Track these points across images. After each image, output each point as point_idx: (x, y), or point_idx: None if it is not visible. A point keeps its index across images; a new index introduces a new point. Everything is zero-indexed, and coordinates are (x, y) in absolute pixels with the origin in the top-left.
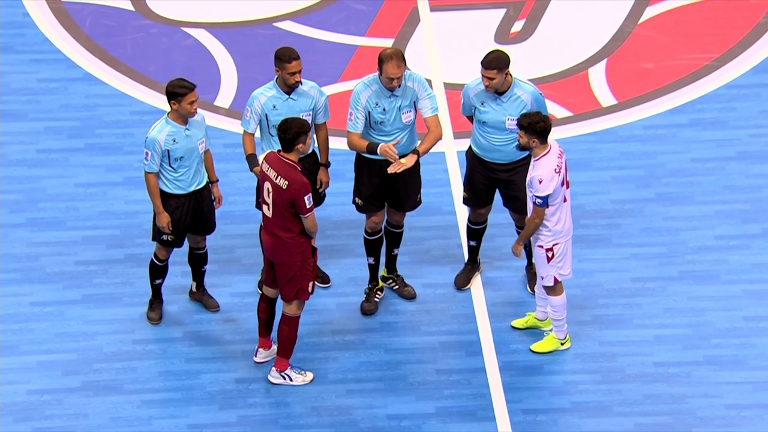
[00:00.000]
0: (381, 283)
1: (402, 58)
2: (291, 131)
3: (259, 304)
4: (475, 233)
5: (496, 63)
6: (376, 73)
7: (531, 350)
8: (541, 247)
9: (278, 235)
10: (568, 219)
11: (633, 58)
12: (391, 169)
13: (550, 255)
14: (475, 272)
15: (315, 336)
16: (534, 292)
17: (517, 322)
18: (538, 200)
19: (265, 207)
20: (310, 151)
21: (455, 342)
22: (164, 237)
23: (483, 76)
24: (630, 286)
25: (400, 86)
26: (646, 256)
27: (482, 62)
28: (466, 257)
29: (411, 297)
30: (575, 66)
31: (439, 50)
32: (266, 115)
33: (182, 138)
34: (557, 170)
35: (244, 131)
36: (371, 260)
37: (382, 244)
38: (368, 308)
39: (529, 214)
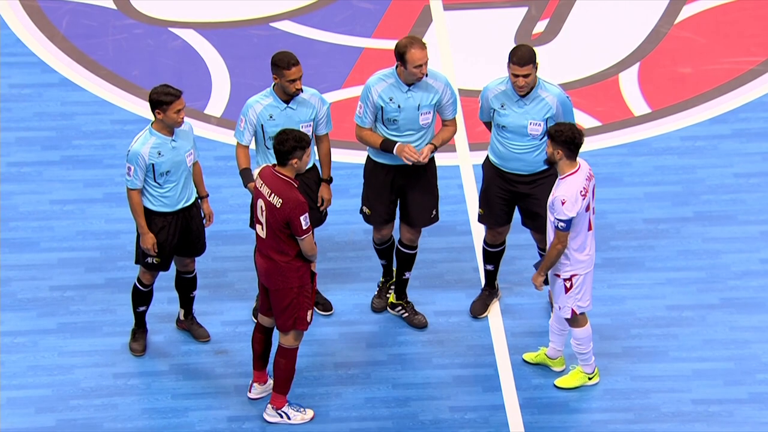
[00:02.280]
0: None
1: (424, 43)
2: (287, 144)
3: (254, 334)
4: (492, 256)
5: (529, 57)
6: (393, 67)
7: (555, 386)
8: (559, 276)
9: (273, 258)
10: (591, 249)
11: (669, 61)
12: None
13: (568, 285)
14: (493, 299)
15: (315, 369)
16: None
17: (529, 356)
18: (561, 224)
19: (258, 227)
20: (311, 165)
21: (471, 376)
22: (149, 260)
23: (517, 75)
24: (665, 314)
25: (426, 75)
26: (683, 282)
27: (514, 60)
28: (483, 282)
29: (422, 326)
30: (604, 71)
31: (453, 53)
32: (262, 125)
33: (168, 150)
34: (582, 193)
35: (238, 143)
36: (384, 262)
37: (394, 249)
38: (379, 305)
39: (548, 240)
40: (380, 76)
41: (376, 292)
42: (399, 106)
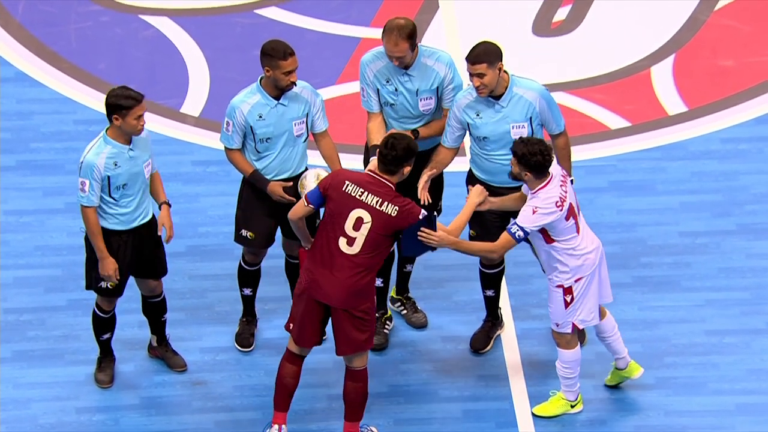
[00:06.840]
0: (389, 312)
1: (404, 35)
2: (404, 150)
3: (287, 367)
4: (491, 279)
5: (485, 55)
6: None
7: (533, 414)
8: (561, 287)
9: (361, 276)
10: (589, 246)
11: (708, 53)
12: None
13: (568, 299)
14: (497, 330)
15: (307, 402)
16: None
17: (611, 380)
18: (519, 232)
19: (343, 241)
20: (304, 167)
21: (483, 410)
22: (102, 284)
23: (471, 75)
24: (704, 341)
25: (405, 66)
26: (724, 304)
27: (467, 57)
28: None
29: (421, 326)
30: (635, 64)
31: (462, 45)
32: (251, 127)
33: (125, 161)
34: (559, 204)
35: (228, 149)
36: (379, 282)
37: (393, 263)
38: (376, 342)
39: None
40: (375, 54)
41: None
42: (396, 90)
